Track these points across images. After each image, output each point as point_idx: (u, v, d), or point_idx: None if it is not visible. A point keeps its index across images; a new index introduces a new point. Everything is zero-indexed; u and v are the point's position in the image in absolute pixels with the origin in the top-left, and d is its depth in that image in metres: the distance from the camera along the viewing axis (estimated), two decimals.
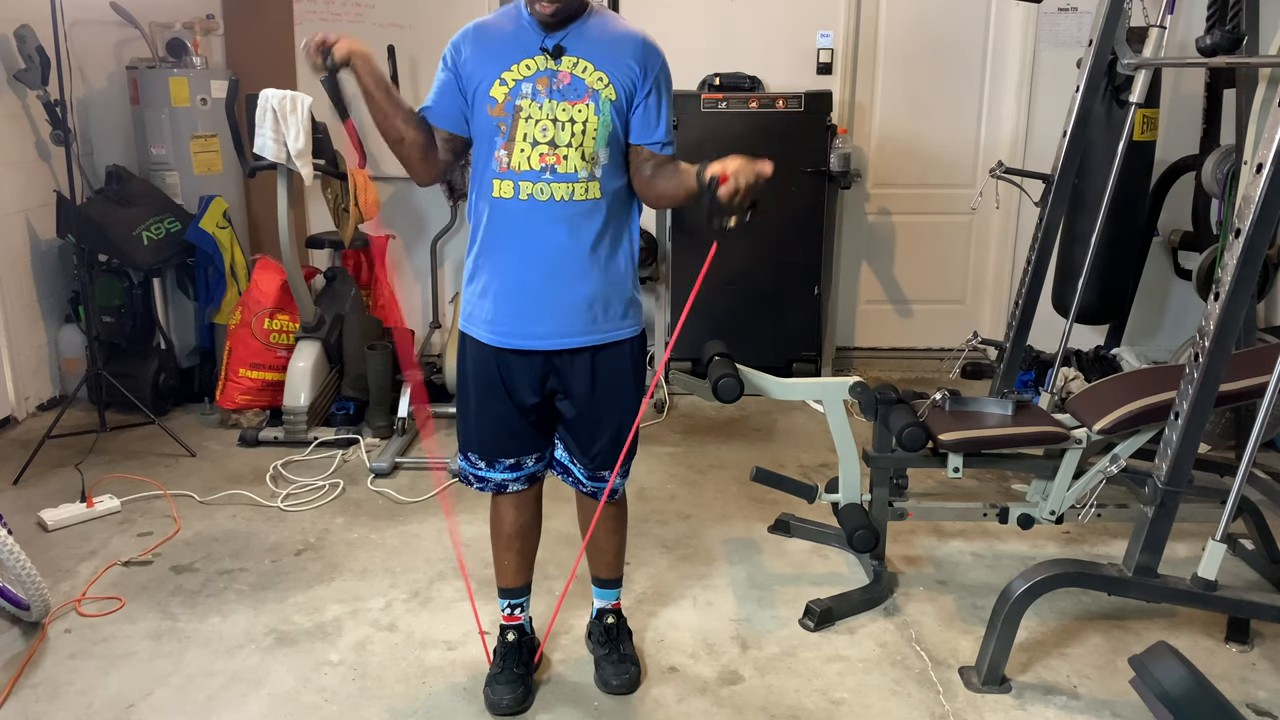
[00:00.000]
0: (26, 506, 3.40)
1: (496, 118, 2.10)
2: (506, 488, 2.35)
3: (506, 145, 2.11)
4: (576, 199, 2.12)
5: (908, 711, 2.38)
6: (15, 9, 4.02)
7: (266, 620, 2.75)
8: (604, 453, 2.31)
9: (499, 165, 2.12)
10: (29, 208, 4.28)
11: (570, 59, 2.09)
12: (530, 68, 2.09)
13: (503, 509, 2.39)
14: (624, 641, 2.53)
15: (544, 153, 2.09)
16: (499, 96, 2.09)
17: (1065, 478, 2.80)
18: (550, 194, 2.11)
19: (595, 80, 2.09)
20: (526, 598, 2.48)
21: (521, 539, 2.41)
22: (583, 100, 2.09)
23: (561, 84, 2.08)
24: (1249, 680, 2.51)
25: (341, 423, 4.15)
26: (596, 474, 2.34)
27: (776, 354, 4.70)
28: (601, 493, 2.36)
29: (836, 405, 2.82)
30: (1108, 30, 3.25)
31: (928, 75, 4.86)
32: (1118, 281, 4.27)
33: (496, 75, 2.09)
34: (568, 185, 2.11)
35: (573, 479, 2.38)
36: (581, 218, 2.15)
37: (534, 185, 2.11)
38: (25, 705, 2.39)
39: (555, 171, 2.10)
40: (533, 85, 2.08)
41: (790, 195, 4.58)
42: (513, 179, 2.11)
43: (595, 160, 2.13)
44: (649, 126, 2.16)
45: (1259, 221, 2.14)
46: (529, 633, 2.50)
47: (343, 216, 4.29)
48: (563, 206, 2.12)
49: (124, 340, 4.29)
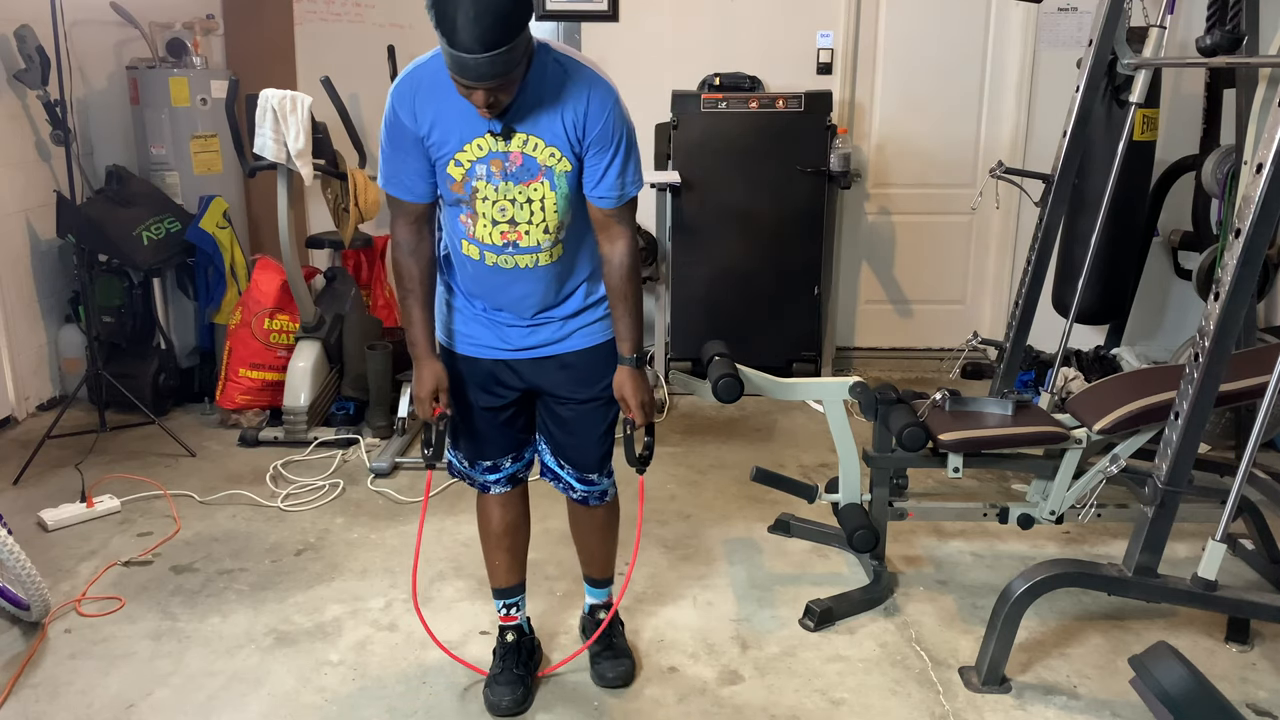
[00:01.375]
0: (26, 506, 3.40)
1: (456, 194, 2.07)
2: (489, 489, 2.38)
3: (469, 216, 2.10)
4: (541, 264, 2.13)
5: (908, 711, 2.38)
6: (15, 9, 4.02)
7: (266, 620, 2.75)
8: (581, 455, 2.31)
9: (465, 230, 2.12)
10: (29, 208, 4.28)
11: (520, 137, 2.00)
12: (482, 148, 2.01)
13: (489, 508, 2.42)
14: (617, 635, 2.54)
15: (504, 230, 2.08)
16: (456, 176, 2.05)
17: (1065, 478, 2.80)
18: (515, 263, 2.12)
19: (547, 157, 2.03)
20: (521, 597, 2.49)
21: (510, 537, 2.43)
22: (536, 179, 2.04)
23: (514, 166, 2.02)
24: (1249, 680, 2.51)
25: (341, 423, 4.15)
26: (585, 478, 2.35)
27: (776, 354, 4.70)
28: (592, 498, 2.37)
29: (836, 405, 2.82)
30: (1108, 30, 3.25)
31: (928, 75, 4.86)
32: (1118, 281, 4.27)
33: (452, 154, 2.02)
34: (531, 256, 2.11)
35: (563, 484, 2.38)
36: (548, 275, 2.16)
37: (498, 256, 2.11)
38: (25, 705, 2.39)
39: (517, 246, 2.10)
40: (486, 167, 2.03)
41: (790, 196, 4.58)
42: (478, 246, 2.12)
43: (561, 227, 2.12)
44: (592, 181, 2.09)
45: (1259, 221, 2.14)
46: (528, 633, 2.51)
47: (343, 216, 4.29)
48: (528, 271, 2.13)
49: (124, 340, 4.29)
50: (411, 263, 2.17)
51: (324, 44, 4.86)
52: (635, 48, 4.85)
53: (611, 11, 4.82)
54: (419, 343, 2.19)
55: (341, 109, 4.14)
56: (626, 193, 2.12)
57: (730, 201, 4.60)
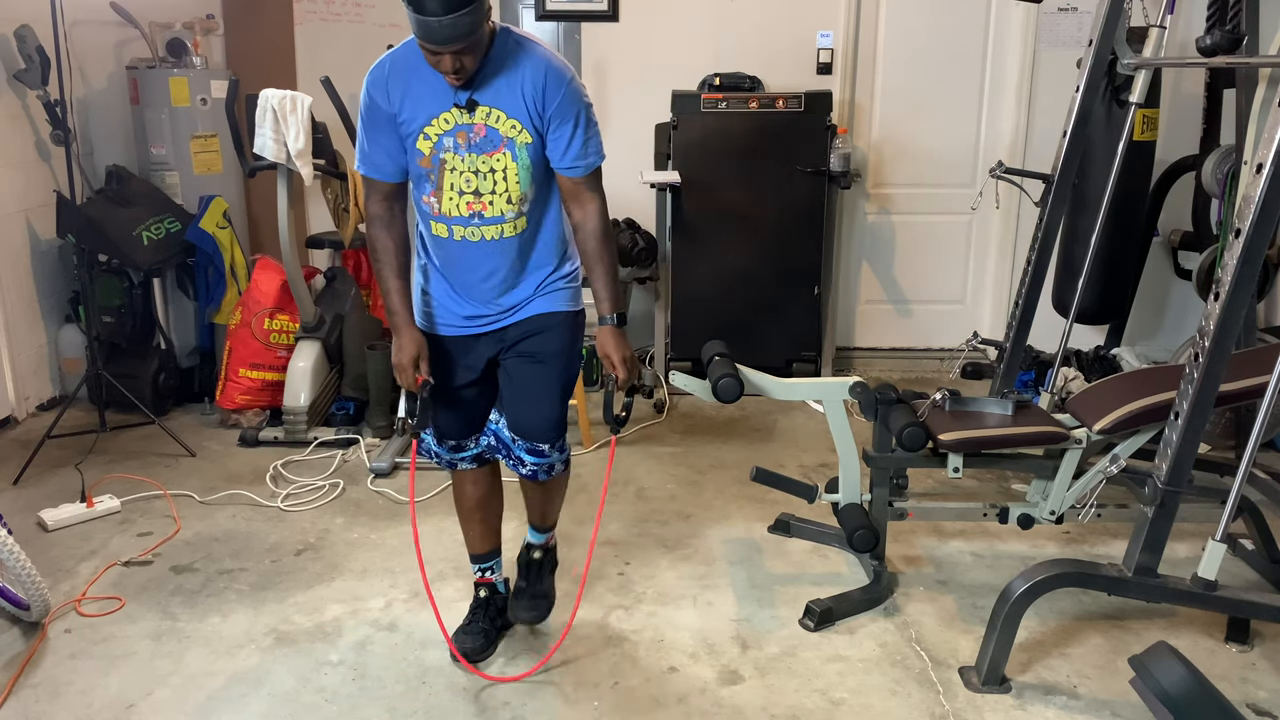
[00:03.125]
0: (26, 506, 3.40)
1: (425, 168, 2.23)
2: (456, 466, 2.53)
3: (435, 193, 2.25)
4: (506, 236, 2.28)
5: (908, 711, 2.38)
6: (15, 9, 4.02)
7: (266, 620, 2.75)
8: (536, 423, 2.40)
9: (431, 210, 2.28)
10: (29, 208, 4.28)
11: (483, 110, 2.18)
12: (449, 121, 2.19)
13: (461, 484, 2.57)
14: (545, 577, 2.65)
15: (470, 201, 2.25)
16: (425, 149, 2.21)
17: (1065, 478, 2.80)
18: (481, 235, 2.27)
19: (509, 129, 2.19)
20: (496, 560, 2.68)
21: (481, 510, 2.60)
22: (499, 150, 2.20)
23: (477, 137, 2.19)
24: (1249, 680, 2.51)
25: (341, 423, 4.15)
26: (535, 448, 2.42)
27: (776, 354, 4.71)
28: (541, 472, 2.46)
29: (836, 405, 2.82)
30: (1108, 30, 3.25)
31: (928, 75, 4.86)
32: (1118, 281, 4.27)
33: (421, 128, 2.19)
34: (496, 227, 2.27)
35: (513, 459, 2.47)
36: (511, 248, 2.30)
37: (465, 229, 2.27)
38: (25, 705, 2.39)
39: (482, 216, 2.25)
40: (453, 139, 2.20)
41: (790, 196, 4.58)
42: (445, 222, 2.27)
43: (524, 199, 2.26)
44: (558, 153, 2.24)
45: (1259, 221, 2.14)
46: (501, 592, 2.68)
47: (343, 216, 4.29)
48: (493, 244, 2.28)
49: (124, 340, 4.29)
50: (385, 235, 2.32)
51: (324, 44, 4.86)
52: (635, 48, 4.85)
53: (611, 11, 4.82)
54: (398, 311, 2.32)
55: (341, 109, 4.14)
56: (591, 162, 2.27)
57: (730, 201, 4.60)
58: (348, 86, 4.44)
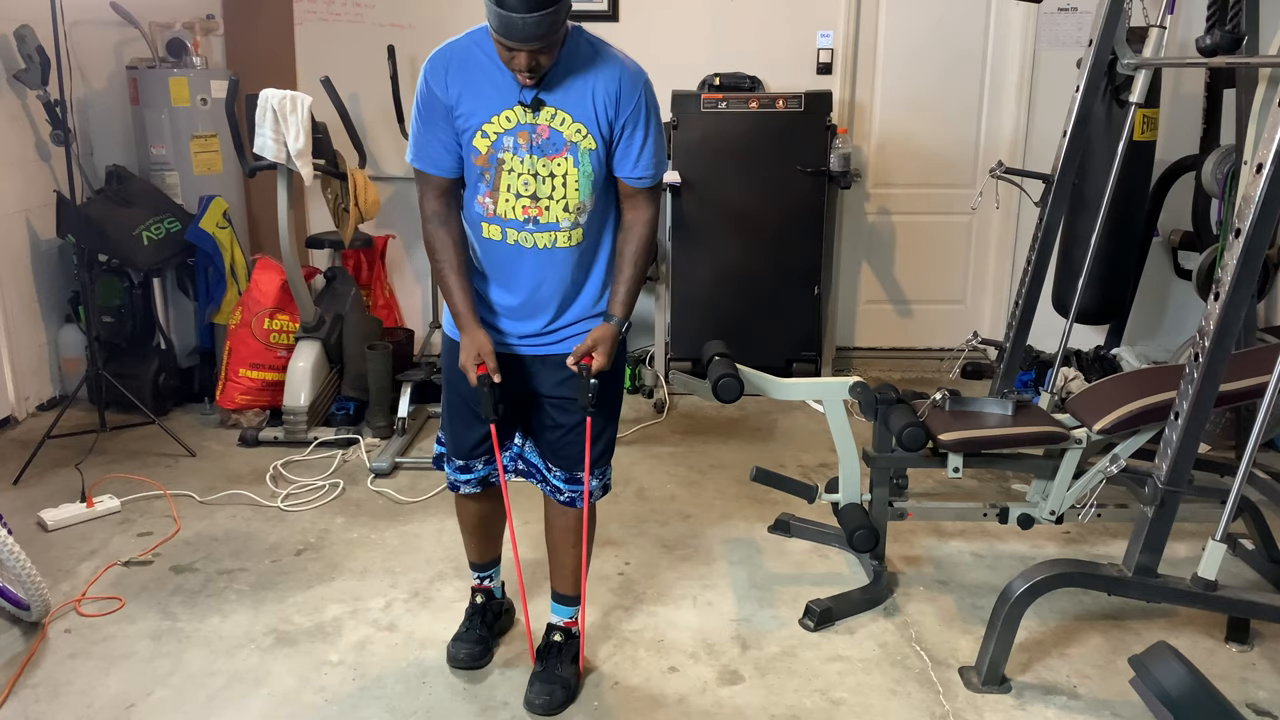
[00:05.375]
0: (26, 506, 3.40)
1: (481, 166, 2.13)
2: (459, 489, 2.46)
3: (490, 194, 2.15)
4: (559, 246, 2.18)
5: (908, 711, 2.38)
6: (15, 9, 4.01)
7: (266, 620, 2.75)
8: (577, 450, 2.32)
9: (485, 211, 2.17)
10: (29, 208, 4.28)
11: (549, 110, 2.08)
12: (510, 120, 2.09)
13: (463, 501, 2.52)
14: (562, 662, 2.44)
15: (526, 205, 2.14)
16: (482, 148, 2.11)
17: (1065, 478, 2.80)
18: (534, 242, 2.17)
19: (573, 133, 2.09)
20: (495, 569, 2.64)
21: (483, 526, 2.56)
22: (561, 154, 2.11)
23: (540, 139, 2.09)
24: (1249, 680, 2.51)
25: (341, 423, 4.15)
26: (575, 477, 2.35)
27: (776, 354, 4.70)
28: (578, 500, 2.37)
29: (836, 405, 2.82)
30: (1108, 30, 3.25)
31: (928, 75, 4.86)
32: (1118, 281, 4.27)
33: (480, 125, 2.09)
34: (550, 234, 2.16)
35: (550, 487, 2.39)
36: (564, 260, 2.20)
37: (519, 234, 2.18)
38: (25, 705, 2.39)
39: (538, 223, 2.16)
40: (514, 139, 2.10)
41: (790, 196, 4.58)
42: (499, 224, 2.17)
43: (581, 209, 2.16)
44: (629, 162, 2.16)
45: (1259, 221, 2.14)
46: (497, 598, 2.65)
47: (343, 216, 4.29)
48: (546, 253, 2.18)
49: (124, 340, 4.29)
50: (443, 233, 2.21)
51: (324, 44, 4.86)
52: (635, 48, 4.75)
53: (611, 11, 4.82)
54: (461, 313, 2.22)
55: (341, 109, 4.14)
56: (659, 172, 2.19)
57: (730, 201, 4.60)
58: (348, 86, 4.46)
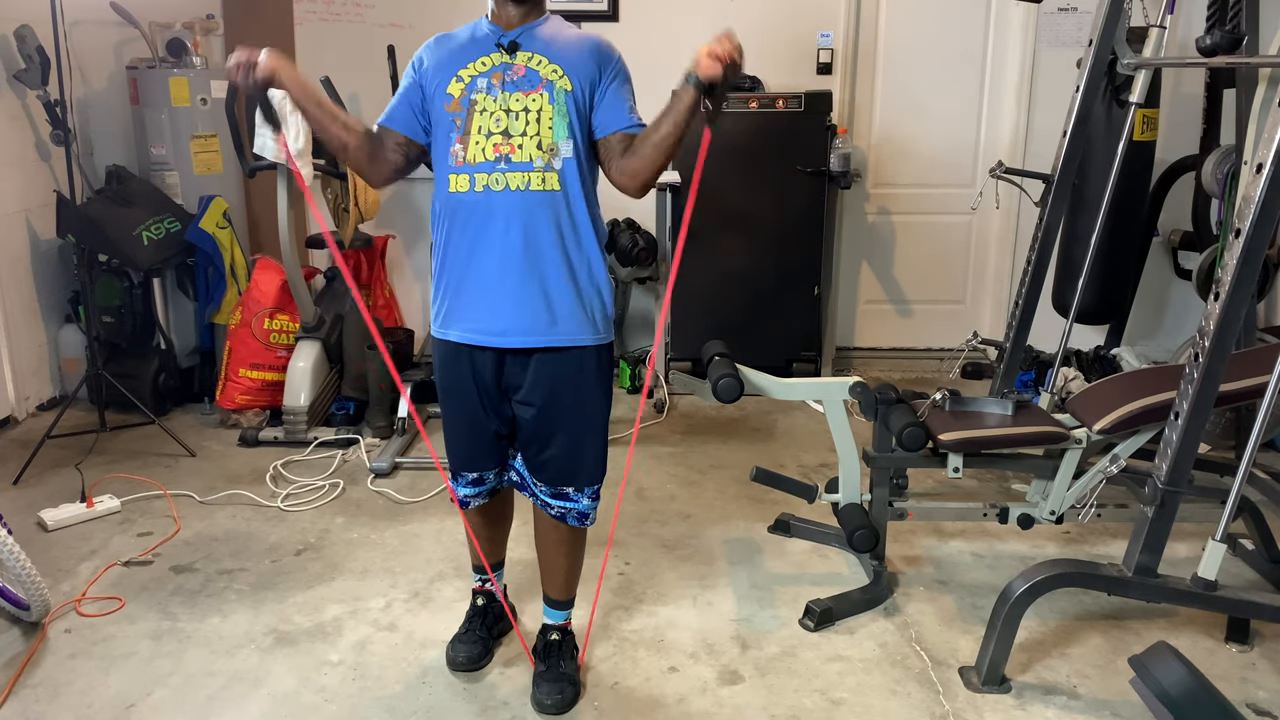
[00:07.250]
0: (26, 506, 3.40)
1: (452, 113, 2.15)
2: (469, 504, 2.45)
3: (462, 139, 2.14)
4: (533, 188, 2.11)
5: (908, 711, 2.38)
6: (15, 9, 4.02)
7: (266, 620, 2.75)
8: (556, 465, 2.29)
9: (454, 160, 2.15)
10: (29, 208, 4.28)
11: (525, 54, 2.16)
12: (486, 64, 2.15)
13: (473, 514, 2.51)
14: (564, 659, 2.45)
15: (498, 142, 2.12)
16: (455, 92, 2.15)
17: (1065, 478, 2.80)
18: (505, 183, 2.11)
19: (549, 72, 2.14)
20: (500, 571, 2.66)
21: (490, 530, 2.57)
22: (536, 90, 2.13)
23: (515, 75, 2.14)
24: (1249, 680, 2.51)
25: (341, 423, 4.15)
26: (559, 491, 2.32)
27: (776, 354, 4.70)
28: (568, 516, 2.35)
29: (836, 405, 2.82)
30: (1108, 30, 3.25)
31: (928, 75, 4.86)
32: (1118, 281, 4.27)
33: (454, 74, 2.16)
34: (522, 175, 2.11)
35: (540, 501, 2.37)
36: (538, 208, 2.12)
37: (489, 176, 2.12)
38: (25, 705, 2.39)
39: (509, 160, 2.11)
40: (487, 80, 2.14)
41: (790, 196, 4.58)
42: (468, 172, 2.13)
43: (554, 151, 2.12)
44: (619, 113, 2.19)
45: (1259, 221, 2.14)
46: (498, 600, 2.63)
47: (343, 216, 4.29)
48: (518, 196, 2.11)
49: (124, 340, 4.29)
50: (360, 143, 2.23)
51: (324, 44, 4.86)
52: (635, 48, 4.77)
53: (611, 11, 4.82)
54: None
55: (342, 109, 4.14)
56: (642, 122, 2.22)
57: (730, 201, 4.59)
58: (348, 86, 4.46)
